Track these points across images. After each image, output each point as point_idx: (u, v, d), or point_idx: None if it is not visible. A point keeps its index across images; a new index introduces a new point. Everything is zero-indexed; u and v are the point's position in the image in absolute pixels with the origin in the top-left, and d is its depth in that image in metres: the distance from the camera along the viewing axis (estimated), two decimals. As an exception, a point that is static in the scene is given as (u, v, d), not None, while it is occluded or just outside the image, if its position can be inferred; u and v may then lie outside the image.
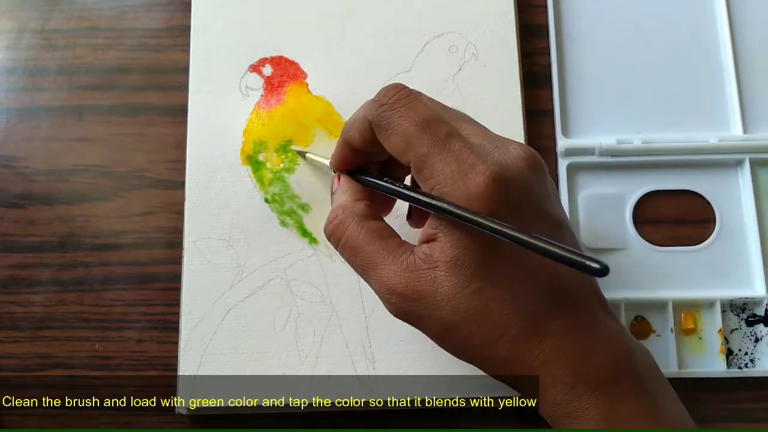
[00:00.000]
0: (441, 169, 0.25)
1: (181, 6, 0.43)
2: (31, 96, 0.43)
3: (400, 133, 0.27)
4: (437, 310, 0.26)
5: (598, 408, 0.25)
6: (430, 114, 0.27)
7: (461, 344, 0.26)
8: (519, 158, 0.26)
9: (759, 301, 0.38)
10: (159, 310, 0.39)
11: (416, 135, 0.26)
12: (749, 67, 0.42)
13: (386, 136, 0.27)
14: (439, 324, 0.26)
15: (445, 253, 0.26)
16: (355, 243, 0.28)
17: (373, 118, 0.28)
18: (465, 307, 0.25)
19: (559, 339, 0.25)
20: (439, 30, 0.42)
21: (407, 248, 0.27)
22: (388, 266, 0.27)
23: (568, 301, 0.26)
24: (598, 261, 0.21)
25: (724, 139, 0.40)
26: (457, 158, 0.25)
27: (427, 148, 0.26)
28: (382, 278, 0.27)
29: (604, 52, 0.43)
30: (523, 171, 0.26)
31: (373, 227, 0.28)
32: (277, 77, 0.41)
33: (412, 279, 0.26)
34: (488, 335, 0.25)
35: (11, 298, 0.39)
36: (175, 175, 0.41)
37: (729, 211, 0.40)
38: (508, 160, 0.26)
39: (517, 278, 0.25)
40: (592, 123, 0.41)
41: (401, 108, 0.27)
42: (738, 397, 0.38)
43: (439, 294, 0.26)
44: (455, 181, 0.25)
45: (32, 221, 0.40)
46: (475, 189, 0.25)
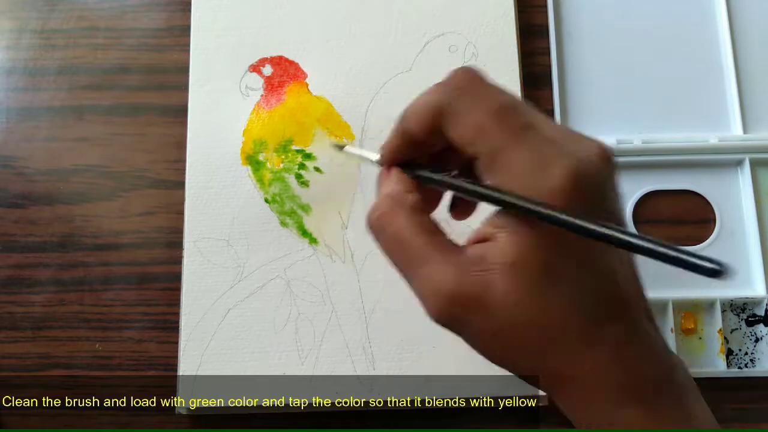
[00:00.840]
0: (517, 161, 0.23)
1: (181, 6, 0.43)
2: (31, 96, 0.43)
3: (471, 121, 0.24)
4: (486, 316, 0.24)
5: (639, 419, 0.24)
6: (506, 102, 0.25)
7: (507, 353, 0.25)
8: (595, 153, 0.24)
9: (759, 301, 0.38)
10: (159, 310, 0.39)
11: (490, 124, 0.24)
12: (749, 67, 0.42)
13: (455, 124, 0.25)
14: (488, 330, 0.24)
15: (506, 254, 0.24)
16: (401, 235, 0.25)
17: (442, 102, 0.25)
18: (518, 314, 0.24)
19: (607, 348, 0.24)
20: (439, 30, 0.42)
21: (456, 247, 0.25)
22: (436, 264, 0.24)
23: (621, 309, 0.25)
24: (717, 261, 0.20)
25: (724, 139, 0.40)
26: (535, 151, 0.23)
27: (501, 139, 0.24)
28: (430, 277, 0.25)
29: (604, 52, 0.43)
30: (600, 167, 0.24)
31: (424, 221, 0.26)
32: (277, 77, 0.41)
33: (464, 281, 0.24)
34: (538, 345, 0.24)
35: (11, 298, 0.39)
36: (175, 175, 0.40)
37: (729, 211, 0.40)
38: (586, 155, 0.24)
39: (578, 284, 0.24)
40: (592, 123, 0.41)
41: (474, 94, 0.25)
42: (738, 397, 0.38)
43: (492, 299, 0.24)
44: (534, 175, 0.23)
45: (32, 221, 0.40)
46: (556, 183, 0.23)
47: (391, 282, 0.38)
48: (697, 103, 0.42)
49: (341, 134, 0.40)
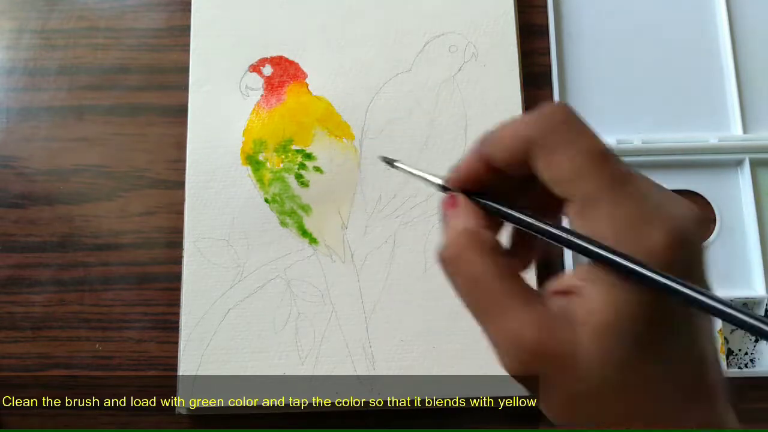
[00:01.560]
0: (613, 214, 0.22)
1: (181, 6, 0.43)
2: (31, 96, 0.43)
3: (568, 161, 0.23)
4: (570, 377, 0.22)
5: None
6: (604, 148, 0.23)
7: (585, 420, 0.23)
8: (692, 216, 0.23)
9: (759, 301, 0.38)
10: (159, 310, 0.39)
11: (590, 167, 0.22)
12: (749, 67, 0.42)
13: (548, 161, 0.23)
14: (567, 393, 0.22)
15: (595, 314, 0.22)
16: (480, 278, 0.24)
17: (534, 136, 0.24)
18: (609, 379, 0.22)
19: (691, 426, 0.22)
20: (439, 30, 0.42)
21: (537, 295, 0.23)
22: (518, 314, 0.23)
23: (709, 392, 0.24)
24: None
25: (724, 139, 0.40)
26: (635, 204, 0.22)
27: (600, 187, 0.22)
28: (510, 328, 0.23)
29: (605, 52, 0.43)
30: (695, 231, 0.23)
31: (504, 264, 0.24)
32: (277, 77, 0.41)
33: (548, 336, 0.22)
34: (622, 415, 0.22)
35: (11, 298, 0.39)
36: (175, 175, 0.40)
37: (729, 211, 0.40)
38: (684, 218, 0.23)
39: (673, 357, 0.23)
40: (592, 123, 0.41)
41: (570, 132, 0.23)
42: (738, 397, 0.38)
43: (580, 359, 0.22)
44: (631, 231, 0.22)
45: (32, 221, 0.40)
46: (655, 244, 0.21)
47: (391, 282, 0.38)
48: (697, 103, 0.42)
49: (341, 134, 0.40)
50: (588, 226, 0.22)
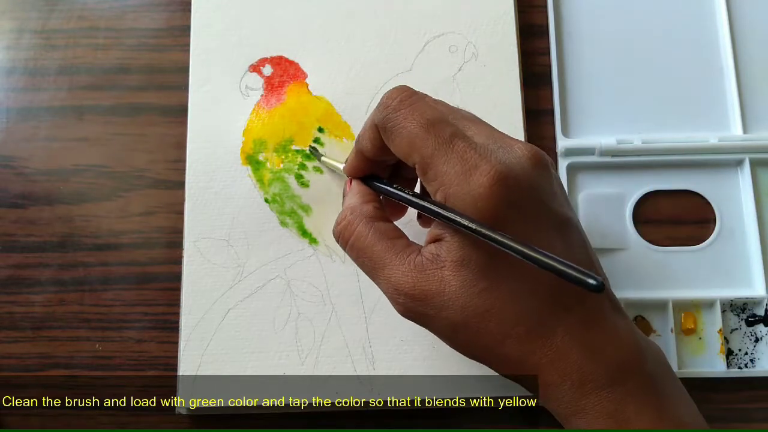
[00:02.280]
0: (445, 170, 0.25)
1: (181, 6, 0.43)
2: (31, 96, 0.43)
3: (404, 136, 0.27)
4: (445, 310, 0.26)
5: (605, 407, 0.25)
6: (433, 115, 0.27)
7: (469, 343, 0.27)
8: (523, 157, 0.26)
9: (759, 301, 0.38)
10: (159, 310, 0.39)
11: (420, 136, 0.26)
12: (749, 67, 0.42)
13: (392, 139, 0.27)
14: (447, 323, 0.26)
15: (452, 252, 0.26)
16: (362, 243, 0.28)
17: (378, 122, 0.28)
18: (473, 306, 0.25)
19: (566, 337, 0.25)
20: (439, 30, 0.42)
21: (415, 248, 0.27)
22: (395, 266, 0.27)
23: (576, 298, 0.26)
24: (593, 276, 0.22)
25: (724, 139, 0.40)
26: (461, 159, 0.25)
27: (431, 149, 0.26)
28: (390, 278, 0.27)
29: (604, 52, 0.43)
30: (528, 170, 0.26)
31: (381, 228, 0.28)
32: (277, 77, 0.41)
33: (420, 279, 0.26)
34: (496, 334, 0.25)
35: (11, 298, 0.39)
36: (175, 175, 0.41)
37: (729, 211, 0.40)
38: (513, 160, 0.26)
39: (523, 277, 0.26)
40: (592, 123, 0.41)
41: (405, 110, 0.27)
42: (738, 397, 0.38)
43: (447, 293, 0.26)
44: (459, 182, 0.25)
45: (32, 221, 0.40)
46: (479, 189, 0.25)
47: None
48: (697, 103, 0.42)
49: (341, 134, 0.40)
50: (429, 186, 0.26)
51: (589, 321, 0.26)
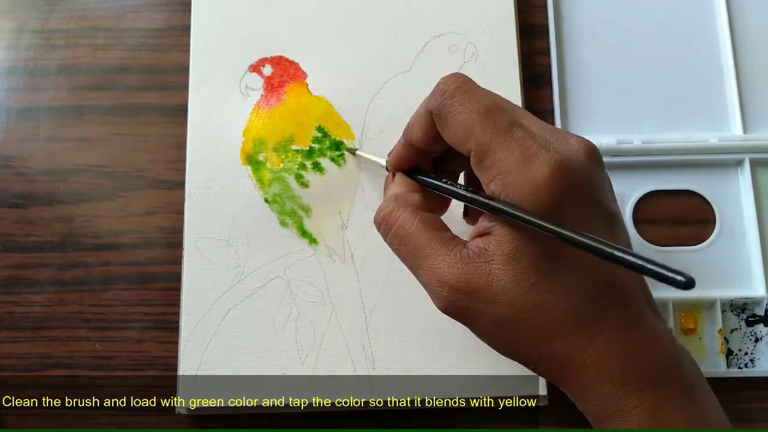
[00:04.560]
0: (504, 157, 0.25)
1: (181, 6, 0.43)
2: (31, 96, 0.43)
3: (461, 122, 0.26)
4: (491, 305, 0.25)
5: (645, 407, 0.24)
6: (491, 102, 0.26)
7: (515, 341, 0.26)
8: (580, 150, 0.26)
9: (759, 301, 0.38)
10: (159, 310, 0.39)
11: (478, 122, 0.26)
12: (749, 67, 0.42)
13: (447, 126, 0.27)
14: (492, 319, 0.25)
15: (502, 246, 0.25)
16: (406, 231, 0.27)
17: (434, 108, 0.27)
18: (522, 301, 0.25)
19: (611, 336, 0.25)
20: (439, 30, 0.42)
21: (460, 241, 0.27)
22: (440, 257, 0.26)
23: (620, 297, 0.25)
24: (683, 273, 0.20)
25: (724, 139, 0.40)
26: (520, 146, 0.25)
27: (489, 136, 0.25)
28: (434, 269, 0.26)
29: (604, 52, 0.43)
30: (585, 163, 0.26)
31: (426, 218, 0.27)
32: (277, 77, 0.41)
33: (466, 271, 0.25)
34: (544, 331, 0.25)
35: (11, 298, 0.39)
36: (175, 175, 0.41)
37: (729, 211, 0.40)
38: (571, 151, 0.25)
39: (573, 272, 0.25)
40: (592, 123, 0.41)
41: (461, 96, 0.26)
42: (738, 397, 0.38)
43: (495, 288, 0.25)
44: (519, 170, 0.24)
45: (32, 221, 0.40)
46: (540, 178, 0.24)
47: (391, 282, 0.38)
48: (697, 103, 0.42)
49: (341, 134, 0.40)
50: (485, 174, 0.26)
51: (632, 320, 0.25)
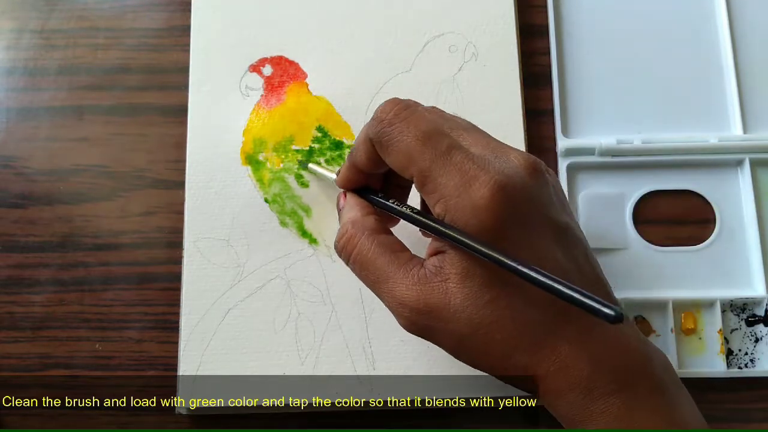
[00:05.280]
0: (444, 182, 0.25)
1: (181, 6, 0.43)
2: (31, 96, 0.43)
3: (401, 150, 0.26)
4: (450, 323, 0.25)
5: (613, 412, 0.25)
6: (429, 127, 0.26)
7: (477, 355, 0.26)
8: (520, 167, 0.26)
9: (759, 301, 0.38)
10: (159, 310, 0.39)
11: (417, 149, 0.26)
12: (749, 67, 0.42)
13: (387, 153, 0.27)
14: (453, 336, 0.26)
15: (456, 264, 0.26)
16: (365, 257, 0.28)
17: (374, 136, 0.28)
18: (478, 318, 0.25)
19: (572, 345, 0.25)
20: (439, 30, 0.42)
21: (418, 261, 0.27)
22: (399, 280, 0.26)
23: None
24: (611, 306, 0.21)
25: (724, 139, 0.40)
26: (459, 170, 0.25)
27: (429, 162, 0.26)
28: (394, 292, 0.26)
29: (604, 52, 0.43)
30: (525, 179, 0.26)
31: (384, 241, 0.28)
32: (277, 77, 0.41)
33: (424, 292, 0.26)
34: (503, 345, 0.25)
35: (11, 298, 0.39)
36: (175, 175, 0.41)
37: (729, 211, 0.40)
38: (510, 169, 0.26)
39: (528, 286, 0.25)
40: (592, 123, 0.41)
41: (400, 123, 0.27)
42: (738, 397, 0.38)
43: (452, 306, 0.25)
44: (460, 194, 0.25)
45: (32, 221, 0.40)
46: (480, 201, 0.25)
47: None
48: (697, 103, 0.42)
49: (341, 134, 0.40)
50: (429, 197, 0.26)
51: (594, 327, 0.26)
